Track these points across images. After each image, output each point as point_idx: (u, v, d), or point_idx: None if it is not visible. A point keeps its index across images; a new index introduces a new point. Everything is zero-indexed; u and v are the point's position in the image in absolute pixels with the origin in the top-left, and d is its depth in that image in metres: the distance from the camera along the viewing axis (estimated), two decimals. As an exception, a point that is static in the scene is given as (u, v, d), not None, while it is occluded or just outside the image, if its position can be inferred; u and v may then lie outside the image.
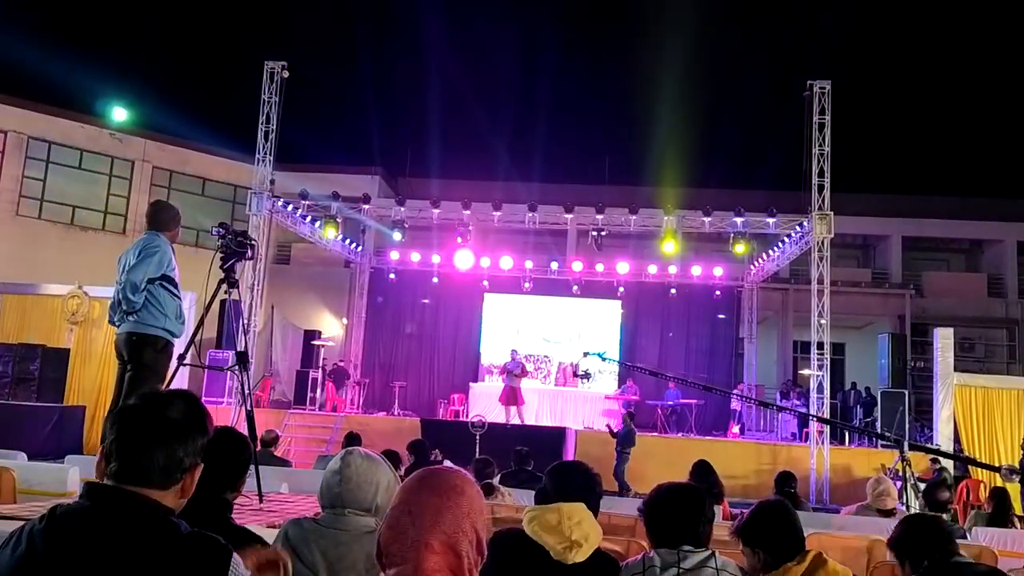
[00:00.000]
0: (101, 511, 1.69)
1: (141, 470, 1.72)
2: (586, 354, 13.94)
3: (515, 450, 7.91)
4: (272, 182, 16.27)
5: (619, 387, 19.41)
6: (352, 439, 7.85)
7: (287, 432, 15.31)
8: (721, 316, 21.10)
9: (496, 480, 6.56)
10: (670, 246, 16.86)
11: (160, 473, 1.73)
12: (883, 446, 14.61)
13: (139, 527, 1.67)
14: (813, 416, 14.54)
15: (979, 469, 13.85)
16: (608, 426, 14.03)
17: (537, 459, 7.85)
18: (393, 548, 1.65)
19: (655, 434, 16.97)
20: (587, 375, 13.79)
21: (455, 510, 1.67)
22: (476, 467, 6.61)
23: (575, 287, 20.05)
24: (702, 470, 6.87)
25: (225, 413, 13.57)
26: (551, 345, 21.18)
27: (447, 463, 6.99)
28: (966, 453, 13.72)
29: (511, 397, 16.46)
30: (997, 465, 12.50)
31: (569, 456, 14.59)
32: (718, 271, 19.82)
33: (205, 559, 1.68)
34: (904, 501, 7.68)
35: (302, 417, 16.32)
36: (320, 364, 18.66)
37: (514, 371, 16.77)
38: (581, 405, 18.77)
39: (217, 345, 16.78)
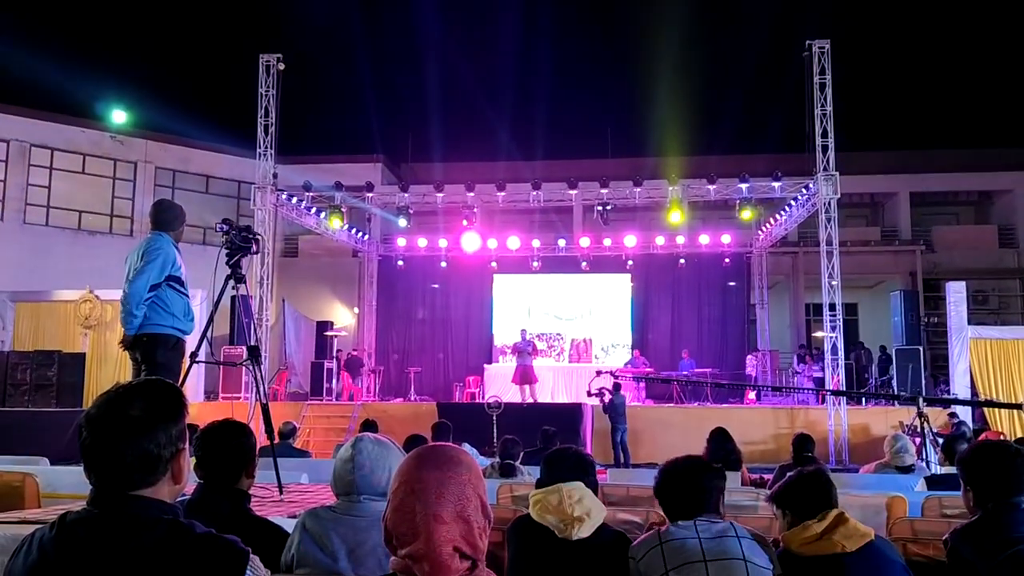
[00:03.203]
0: (110, 517, 1.67)
1: (119, 475, 1.69)
2: (599, 372, 14.04)
3: (542, 429, 8.00)
4: (275, 176, 16.26)
5: (629, 360, 19.42)
6: (368, 426, 7.89)
7: (305, 423, 15.36)
8: (731, 283, 21.04)
9: (519, 461, 6.59)
10: (676, 216, 16.80)
11: (140, 472, 1.70)
12: (901, 403, 14.59)
13: (151, 532, 1.65)
14: (828, 391, 14.53)
15: (1000, 420, 13.83)
16: (600, 399, 14.02)
17: (556, 435, 7.91)
18: (402, 528, 1.65)
19: (671, 404, 17.00)
20: (601, 394, 13.91)
21: (457, 479, 1.68)
22: (503, 447, 6.64)
23: (584, 263, 20.03)
24: (720, 438, 6.86)
25: (242, 408, 13.66)
26: (563, 322, 21.18)
27: (466, 446, 7.02)
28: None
29: (524, 376, 16.52)
30: (1018, 403, 12.48)
31: (587, 431, 14.68)
32: (726, 238, 19.75)
33: (220, 563, 1.66)
34: (923, 457, 7.69)
35: (319, 408, 16.41)
36: (334, 354, 18.74)
37: (525, 350, 16.81)
38: (596, 381, 18.79)
39: (230, 341, 16.85)
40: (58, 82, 21.06)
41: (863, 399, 15.87)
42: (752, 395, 17.93)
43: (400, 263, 20.96)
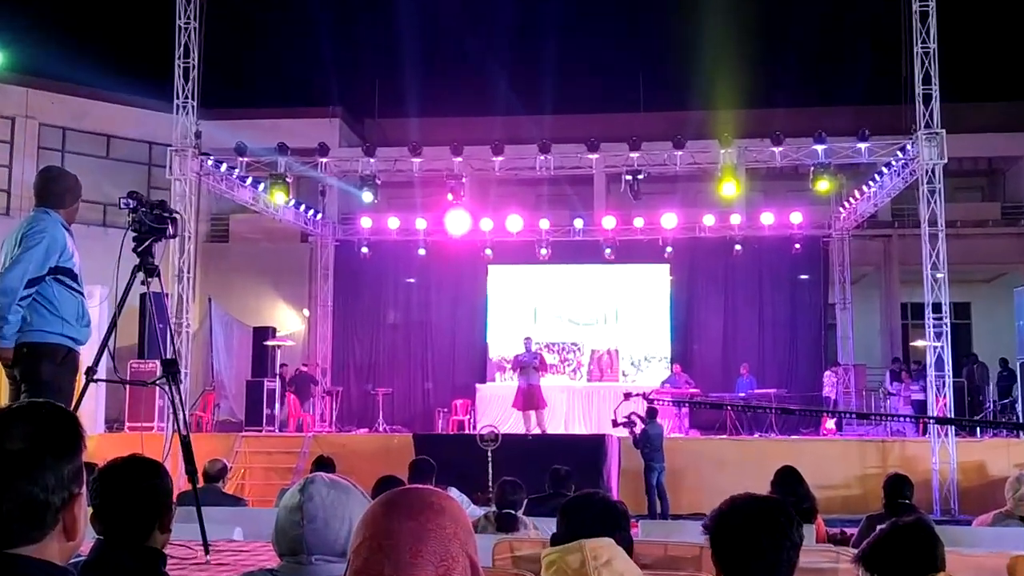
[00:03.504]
0: None
1: None
2: (627, 395, 14.05)
3: (552, 469, 8.00)
4: (198, 135, 16.27)
5: (667, 378, 19.40)
6: (322, 465, 7.90)
7: (239, 461, 15.42)
8: (803, 276, 21.05)
9: (521, 510, 6.60)
10: (730, 188, 16.77)
11: (21, 524, 1.67)
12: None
13: None
14: (931, 419, 14.56)
15: None
16: (630, 429, 14.02)
17: (571, 477, 7.91)
18: None
19: (724, 436, 17.02)
20: (630, 422, 13.94)
21: (438, 532, 1.66)
22: (500, 492, 6.64)
23: (608, 250, 20.01)
24: (788, 480, 6.87)
25: (155, 441, 13.67)
26: (580, 328, 21.21)
27: (452, 491, 7.02)
28: None
29: (529, 399, 16.52)
30: None
31: (612, 472, 14.69)
32: (796, 217, 19.74)
33: None
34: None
35: (258, 441, 16.46)
36: (277, 371, 18.76)
37: (530, 365, 16.79)
38: (624, 406, 18.79)
39: (139, 354, 16.86)
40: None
41: (978, 429, 15.88)
42: (831, 423, 17.95)
43: (364, 250, 20.94)
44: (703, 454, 15.59)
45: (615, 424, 14.23)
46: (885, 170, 17.03)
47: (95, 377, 5.16)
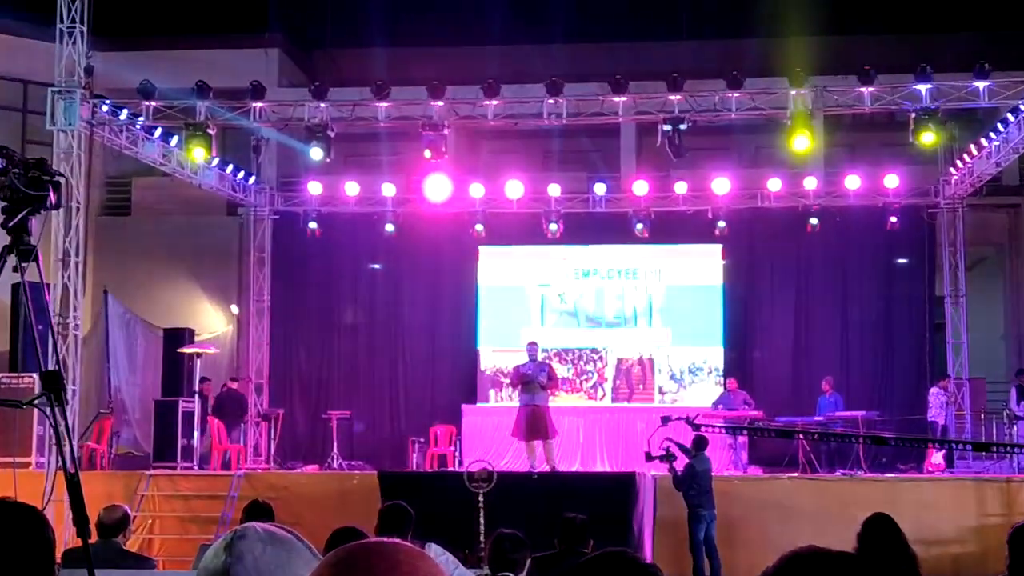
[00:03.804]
0: None
1: None
2: (665, 419, 14.06)
3: (564, 519, 7.99)
4: (89, 71, 16.24)
5: (719, 397, 19.37)
6: (257, 512, 7.91)
7: (146, 508, 15.43)
8: (902, 261, 21.04)
9: (523, 572, 6.63)
10: (803, 142, 16.75)
11: None
12: None
13: None
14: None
15: None
16: (669, 464, 14.07)
17: (590, 529, 7.90)
18: None
19: (795, 474, 17.02)
20: (668, 455, 13.96)
21: None
22: (496, 548, 6.66)
23: (639, 226, 20.00)
24: (880, 532, 6.90)
25: (33, 480, 13.69)
26: (602, 331, 21.23)
27: (432, 548, 7.06)
28: None
29: (533, 425, 16.47)
30: None
31: (645, 522, 14.71)
32: (892, 181, 19.72)
33: None
34: None
35: (171, 481, 16.45)
36: (196, 388, 18.76)
37: (535, 379, 16.78)
38: (661, 433, 18.81)
39: (10, 366, 16.84)
40: None
41: None
42: (938, 457, 17.97)
43: (313, 226, 20.93)
44: (767, 498, 15.62)
45: (649, 458, 14.24)
46: (1011, 117, 17.01)
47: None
